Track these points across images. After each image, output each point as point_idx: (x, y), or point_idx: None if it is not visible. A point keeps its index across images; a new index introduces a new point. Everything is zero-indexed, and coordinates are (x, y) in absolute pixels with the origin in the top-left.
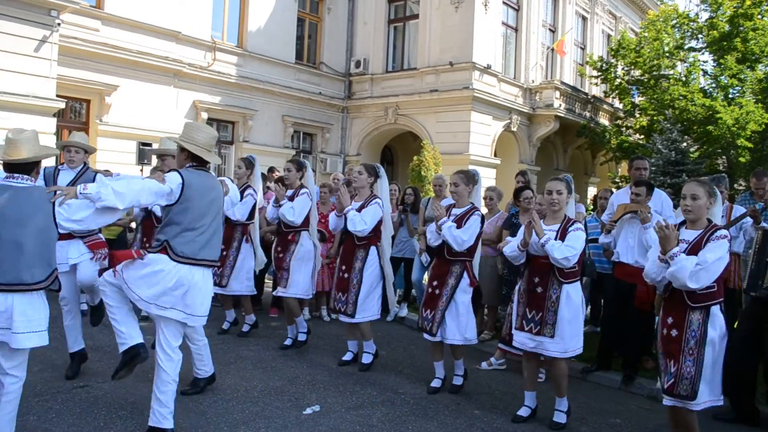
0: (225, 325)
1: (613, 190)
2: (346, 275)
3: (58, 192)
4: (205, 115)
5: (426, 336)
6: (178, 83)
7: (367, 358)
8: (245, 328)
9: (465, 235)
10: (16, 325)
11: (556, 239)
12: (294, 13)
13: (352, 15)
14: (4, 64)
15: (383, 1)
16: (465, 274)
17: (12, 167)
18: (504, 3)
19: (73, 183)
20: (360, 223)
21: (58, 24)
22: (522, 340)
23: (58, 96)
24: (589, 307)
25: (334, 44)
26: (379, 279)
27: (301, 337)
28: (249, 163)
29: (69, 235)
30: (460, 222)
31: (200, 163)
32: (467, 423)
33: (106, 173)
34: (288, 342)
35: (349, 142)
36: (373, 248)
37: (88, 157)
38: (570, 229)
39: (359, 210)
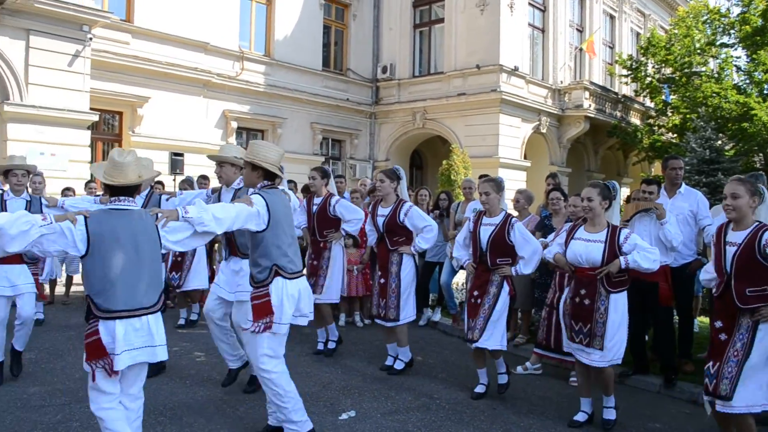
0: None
1: None
2: (383, 280)
3: (159, 215)
4: (234, 125)
5: (472, 345)
6: (207, 93)
7: (399, 365)
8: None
9: (534, 253)
10: (157, 339)
11: (605, 248)
12: (320, 21)
13: (378, 21)
14: (39, 79)
15: (408, 6)
16: (505, 283)
17: (116, 190)
18: (530, 4)
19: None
20: (430, 229)
21: (90, 38)
22: (575, 351)
23: (91, 109)
24: None
25: (360, 50)
26: (413, 280)
27: (331, 345)
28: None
29: (17, 259)
30: (501, 233)
31: (271, 180)
32: (503, 428)
33: (172, 195)
34: (320, 347)
35: (378, 148)
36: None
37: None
38: (626, 237)
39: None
